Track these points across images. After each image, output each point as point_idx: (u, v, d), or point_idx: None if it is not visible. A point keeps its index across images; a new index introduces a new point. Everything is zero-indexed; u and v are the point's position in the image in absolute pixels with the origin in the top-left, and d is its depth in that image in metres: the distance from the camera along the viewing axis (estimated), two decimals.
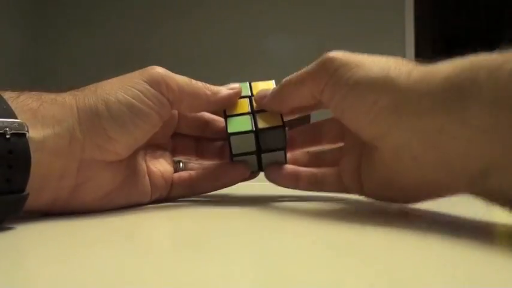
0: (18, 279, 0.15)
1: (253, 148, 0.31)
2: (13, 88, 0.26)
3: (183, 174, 0.33)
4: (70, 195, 0.26)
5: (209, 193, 0.35)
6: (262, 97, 0.31)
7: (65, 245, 0.20)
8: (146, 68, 0.29)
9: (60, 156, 0.25)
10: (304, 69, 0.29)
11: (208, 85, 0.31)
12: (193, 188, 0.33)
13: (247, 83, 0.33)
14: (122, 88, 0.27)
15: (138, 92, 0.27)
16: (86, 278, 0.15)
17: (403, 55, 2.26)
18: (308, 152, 0.35)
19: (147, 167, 0.31)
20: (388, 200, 0.28)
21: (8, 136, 0.22)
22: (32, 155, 0.23)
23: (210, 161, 0.35)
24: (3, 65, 2.16)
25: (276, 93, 0.31)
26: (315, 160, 0.34)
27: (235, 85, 0.32)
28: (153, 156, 0.33)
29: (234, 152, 0.31)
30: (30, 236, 0.22)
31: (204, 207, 0.31)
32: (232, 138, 0.30)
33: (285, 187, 0.33)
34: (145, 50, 2.42)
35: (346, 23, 2.31)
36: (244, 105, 0.32)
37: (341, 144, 0.33)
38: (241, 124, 0.31)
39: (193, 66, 2.29)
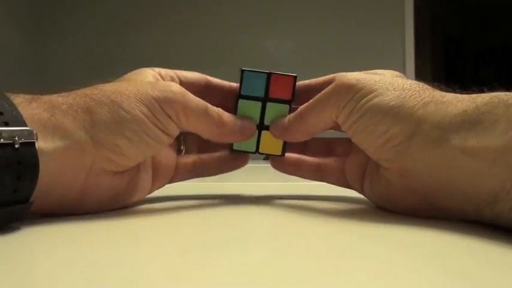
0: (22, 279, 0.15)
1: (262, 92, 0.31)
2: (24, 91, 0.25)
3: (187, 159, 0.33)
4: (76, 201, 0.26)
5: (209, 194, 0.35)
6: (278, 128, 0.31)
7: (69, 246, 0.20)
8: (163, 84, 0.28)
9: (69, 169, 0.25)
10: (320, 96, 0.29)
11: (221, 117, 0.29)
12: (196, 173, 0.33)
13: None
14: (136, 105, 0.26)
15: (151, 114, 0.26)
16: (88, 279, 0.15)
17: (403, 55, 2.27)
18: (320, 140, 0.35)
19: (152, 157, 0.31)
20: (388, 208, 0.28)
21: (17, 146, 0.21)
22: (41, 167, 0.22)
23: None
24: (3, 66, 2.16)
25: (294, 123, 0.31)
26: (325, 149, 0.35)
27: (250, 124, 0.31)
28: None
29: (243, 92, 0.31)
30: (35, 236, 0.22)
31: (207, 207, 0.31)
32: (245, 73, 0.31)
33: (287, 174, 0.34)
34: (146, 50, 2.42)
35: (346, 23, 2.31)
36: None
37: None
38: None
39: (193, 67, 2.28)
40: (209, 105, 0.29)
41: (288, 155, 0.33)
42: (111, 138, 0.26)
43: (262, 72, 0.31)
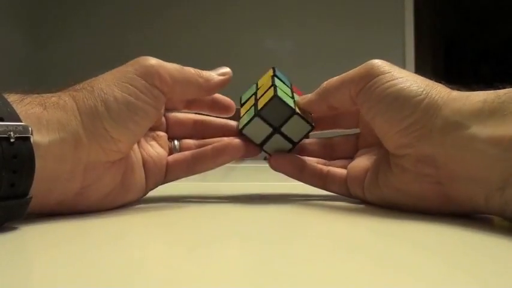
0: (20, 279, 0.15)
1: (278, 123, 0.31)
2: (16, 90, 0.25)
3: (179, 156, 0.32)
4: (76, 196, 0.26)
5: (209, 194, 0.35)
6: (304, 97, 0.32)
7: (66, 245, 0.20)
8: (138, 59, 0.29)
9: (66, 161, 0.25)
10: (347, 72, 0.29)
11: (200, 71, 0.31)
12: (190, 169, 0.32)
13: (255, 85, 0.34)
14: (117, 85, 0.27)
15: (134, 89, 0.27)
16: (88, 278, 0.15)
17: (403, 55, 2.27)
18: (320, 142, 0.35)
19: (141, 154, 0.31)
20: (400, 206, 0.28)
21: (12, 140, 0.21)
22: (37, 160, 0.22)
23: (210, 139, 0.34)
24: (3, 66, 2.16)
25: (318, 93, 0.31)
26: (324, 151, 0.34)
27: (226, 69, 0.32)
28: (146, 140, 0.32)
29: (262, 114, 0.31)
30: (33, 236, 0.22)
31: (208, 207, 0.31)
32: (275, 99, 0.31)
33: (288, 175, 0.32)
34: (146, 50, 2.41)
35: (346, 23, 2.31)
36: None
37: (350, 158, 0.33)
38: (286, 97, 0.32)
39: (193, 67, 2.28)
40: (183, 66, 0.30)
41: (291, 154, 0.32)
42: (99, 123, 0.26)
43: (289, 106, 0.31)
